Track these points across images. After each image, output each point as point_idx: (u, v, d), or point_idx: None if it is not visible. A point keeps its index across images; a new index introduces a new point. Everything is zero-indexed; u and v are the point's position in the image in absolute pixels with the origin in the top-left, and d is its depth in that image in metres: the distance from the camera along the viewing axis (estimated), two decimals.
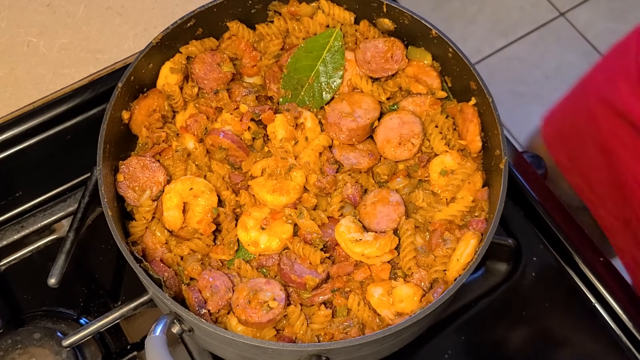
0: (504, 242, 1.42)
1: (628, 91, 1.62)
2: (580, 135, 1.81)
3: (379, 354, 1.26)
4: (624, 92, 1.62)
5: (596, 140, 1.74)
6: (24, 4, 1.69)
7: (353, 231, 1.22)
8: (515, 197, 1.51)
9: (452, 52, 1.32)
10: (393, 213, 1.25)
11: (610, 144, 1.70)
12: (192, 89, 1.34)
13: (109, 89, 1.51)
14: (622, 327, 1.41)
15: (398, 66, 1.36)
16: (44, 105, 1.56)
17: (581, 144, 1.81)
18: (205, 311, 1.17)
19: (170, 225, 1.23)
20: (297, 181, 1.25)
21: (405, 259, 1.21)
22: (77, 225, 1.35)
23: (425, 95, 1.34)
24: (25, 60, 1.62)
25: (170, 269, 1.21)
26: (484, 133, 1.30)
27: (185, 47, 1.36)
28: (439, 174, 1.28)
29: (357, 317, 1.20)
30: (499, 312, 1.44)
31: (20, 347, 1.32)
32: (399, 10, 1.35)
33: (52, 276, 1.27)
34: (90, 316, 1.41)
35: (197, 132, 1.31)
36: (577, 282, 1.45)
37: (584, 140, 1.79)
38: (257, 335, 1.17)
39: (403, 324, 1.11)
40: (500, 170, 1.21)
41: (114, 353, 1.38)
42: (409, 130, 1.31)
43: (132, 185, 1.25)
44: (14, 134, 1.54)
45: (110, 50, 1.64)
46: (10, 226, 1.48)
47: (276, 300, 1.17)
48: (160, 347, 1.08)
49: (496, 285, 1.45)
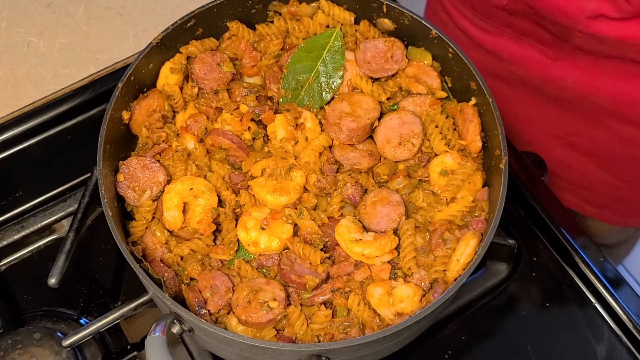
0: (504, 242, 1.42)
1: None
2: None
3: (379, 354, 1.26)
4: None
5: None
6: (24, 4, 1.69)
7: (353, 231, 1.22)
8: (515, 197, 1.51)
9: (452, 52, 1.32)
10: (393, 213, 1.25)
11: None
12: (192, 89, 1.34)
13: (109, 89, 1.52)
14: (622, 327, 1.41)
15: (398, 66, 1.36)
16: (44, 105, 1.56)
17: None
18: (205, 311, 1.17)
19: (170, 225, 1.23)
20: (297, 181, 1.25)
21: (405, 259, 1.21)
22: (77, 226, 1.35)
23: (425, 95, 1.34)
24: (26, 60, 1.63)
25: (170, 269, 1.21)
26: (484, 133, 1.30)
27: (185, 47, 1.36)
28: (439, 174, 1.28)
29: (357, 317, 1.20)
30: (499, 312, 1.44)
31: (20, 347, 1.32)
32: (399, 11, 1.35)
33: (52, 276, 1.27)
34: (90, 316, 1.41)
35: (197, 132, 1.31)
36: (577, 282, 1.45)
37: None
38: (257, 336, 1.17)
39: (403, 324, 1.11)
40: (500, 170, 1.21)
41: (114, 353, 1.38)
42: (409, 130, 1.31)
43: (132, 185, 1.25)
44: (14, 134, 1.54)
45: (110, 50, 1.64)
46: (11, 226, 1.48)
47: (276, 300, 1.17)
48: (160, 347, 1.08)
49: (496, 285, 1.45)
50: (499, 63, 1.74)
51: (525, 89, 1.75)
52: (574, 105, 1.70)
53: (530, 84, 1.73)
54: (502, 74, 1.76)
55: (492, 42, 1.72)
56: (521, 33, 1.65)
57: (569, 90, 1.66)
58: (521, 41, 1.67)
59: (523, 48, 1.67)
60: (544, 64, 1.66)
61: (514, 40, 1.68)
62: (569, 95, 1.68)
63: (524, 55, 1.68)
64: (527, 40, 1.65)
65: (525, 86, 1.74)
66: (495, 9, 1.63)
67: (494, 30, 1.70)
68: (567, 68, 1.63)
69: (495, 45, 1.72)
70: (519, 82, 1.75)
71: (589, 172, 1.85)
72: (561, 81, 1.66)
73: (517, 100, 1.79)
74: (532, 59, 1.68)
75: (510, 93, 1.79)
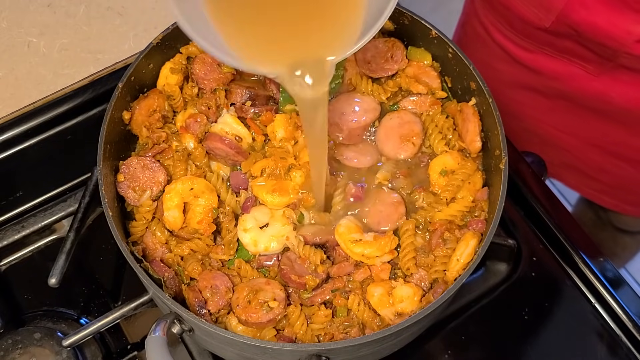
0: (504, 242, 1.42)
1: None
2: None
3: (379, 354, 1.27)
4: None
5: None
6: (24, 5, 1.69)
7: (353, 231, 1.22)
8: (515, 197, 1.51)
9: (452, 52, 1.32)
10: (394, 213, 1.25)
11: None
12: (192, 89, 1.34)
13: (109, 89, 1.52)
14: (622, 327, 1.41)
15: (398, 66, 1.36)
16: (44, 105, 1.56)
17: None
18: (205, 311, 1.17)
19: (170, 225, 1.23)
20: (296, 181, 1.25)
21: (404, 259, 1.21)
22: (77, 225, 1.35)
23: (426, 95, 1.35)
24: (26, 60, 1.63)
25: (170, 269, 1.21)
26: (484, 133, 1.30)
27: (185, 47, 1.36)
28: (439, 174, 1.28)
29: (357, 317, 1.20)
30: (499, 312, 1.44)
31: (20, 347, 1.32)
32: (399, 11, 1.35)
33: (53, 276, 1.27)
34: (90, 316, 1.41)
35: (197, 132, 1.31)
36: (577, 282, 1.45)
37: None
38: (257, 335, 1.17)
39: (403, 324, 1.11)
40: (500, 170, 1.21)
41: (114, 353, 1.38)
42: (409, 130, 1.31)
43: (132, 185, 1.25)
44: (15, 134, 1.54)
45: (110, 50, 1.64)
46: (11, 226, 1.48)
47: (276, 300, 1.17)
48: (160, 347, 1.08)
49: (496, 285, 1.45)
50: (537, 77, 1.70)
51: (564, 101, 1.71)
52: (617, 117, 1.66)
53: (570, 97, 1.68)
54: (539, 87, 1.73)
55: (532, 59, 1.67)
56: (562, 51, 1.60)
57: (613, 104, 1.62)
58: (562, 58, 1.62)
59: (564, 65, 1.63)
60: (586, 79, 1.61)
61: (555, 57, 1.63)
62: (612, 109, 1.64)
63: (565, 71, 1.63)
64: (568, 57, 1.61)
65: (564, 98, 1.70)
66: (536, 30, 1.59)
67: (533, 49, 1.66)
68: (610, 83, 1.59)
69: (535, 62, 1.67)
70: (558, 95, 1.71)
71: (629, 176, 1.82)
72: (604, 95, 1.61)
73: (553, 110, 1.75)
74: (573, 75, 1.63)
75: (545, 103, 1.75)
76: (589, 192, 1.92)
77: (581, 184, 1.92)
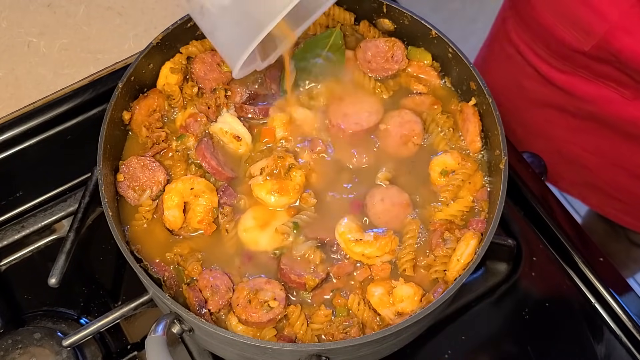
0: (504, 242, 1.42)
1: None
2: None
3: (379, 354, 1.26)
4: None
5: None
6: (24, 4, 1.69)
7: (353, 231, 1.22)
8: (515, 197, 1.51)
9: (452, 52, 1.32)
10: (402, 214, 1.25)
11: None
12: (192, 88, 1.34)
13: (109, 89, 1.51)
14: (622, 327, 1.41)
15: (398, 66, 1.36)
16: (44, 105, 1.56)
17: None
18: (205, 311, 1.17)
19: (170, 224, 1.23)
20: (297, 181, 1.25)
21: (403, 259, 1.21)
22: (77, 225, 1.35)
23: (426, 94, 1.35)
24: (26, 60, 1.63)
25: (170, 269, 1.21)
26: (484, 133, 1.30)
27: (185, 47, 1.36)
28: (439, 174, 1.28)
29: (357, 317, 1.20)
30: (499, 312, 1.44)
31: (20, 347, 1.32)
32: (399, 11, 1.35)
33: (53, 276, 1.27)
34: (90, 316, 1.41)
35: (197, 132, 1.31)
36: (577, 282, 1.45)
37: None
38: (257, 335, 1.17)
39: (403, 324, 1.11)
40: (500, 170, 1.22)
41: (114, 353, 1.38)
42: (410, 129, 1.31)
43: (132, 185, 1.26)
44: (15, 134, 1.54)
45: (110, 50, 1.64)
46: (11, 226, 1.48)
47: (276, 300, 1.17)
48: (161, 347, 1.08)
49: (496, 285, 1.45)
50: (568, 98, 1.68)
51: (593, 123, 1.68)
52: None
53: (601, 119, 1.66)
54: (569, 107, 1.70)
55: (565, 80, 1.65)
56: (598, 75, 1.58)
57: None
58: (597, 82, 1.59)
59: (599, 88, 1.60)
60: (620, 103, 1.59)
61: (590, 80, 1.61)
62: None
63: (599, 95, 1.61)
64: (604, 81, 1.58)
65: (594, 120, 1.68)
66: (573, 53, 1.56)
67: (568, 70, 1.63)
68: None
69: (568, 83, 1.65)
70: (588, 116, 1.68)
71: None
72: (638, 120, 1.59)
73: (581, 130, 1.73)
74: (607, 99, 1.60)
75: (574, 123, 1.73)
76: (611, 211, 1.89)
77: (603, 204, 1.89)
